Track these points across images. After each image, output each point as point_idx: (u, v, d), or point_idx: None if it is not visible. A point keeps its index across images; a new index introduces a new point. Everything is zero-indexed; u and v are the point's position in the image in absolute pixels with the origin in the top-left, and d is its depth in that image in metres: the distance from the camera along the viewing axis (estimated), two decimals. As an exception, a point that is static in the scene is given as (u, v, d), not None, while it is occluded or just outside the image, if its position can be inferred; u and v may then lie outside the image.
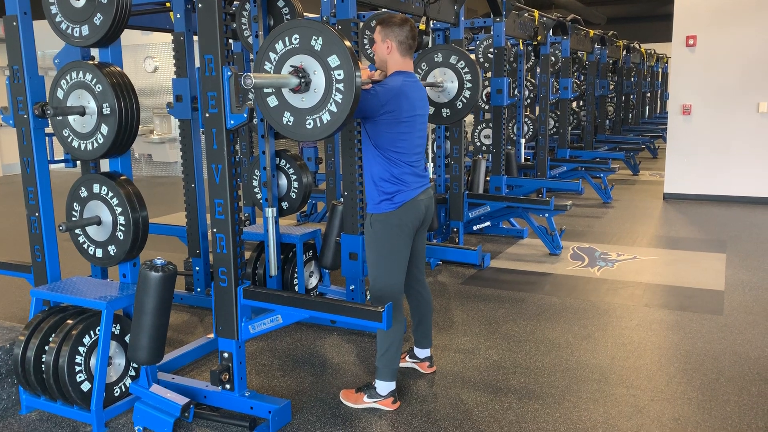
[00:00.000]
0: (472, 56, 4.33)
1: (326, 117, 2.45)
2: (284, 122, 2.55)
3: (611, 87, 12.06)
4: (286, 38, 2.47)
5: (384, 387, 2.96)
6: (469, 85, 4.13)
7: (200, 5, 2.60)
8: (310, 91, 2.45)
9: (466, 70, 4.13)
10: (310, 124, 2.49)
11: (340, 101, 2.41)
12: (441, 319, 4.13)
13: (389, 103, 2.80)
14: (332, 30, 2.40)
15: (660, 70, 17.52)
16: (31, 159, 3.06)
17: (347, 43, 2.39)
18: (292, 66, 2.47)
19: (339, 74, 2.39)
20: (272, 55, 2.51)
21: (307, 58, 2.44)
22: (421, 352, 3.35)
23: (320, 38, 2.40)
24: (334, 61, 2.39)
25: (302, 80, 2.44)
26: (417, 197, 2.97)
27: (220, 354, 2.86)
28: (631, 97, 13.59)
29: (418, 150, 3.00)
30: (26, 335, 2.84)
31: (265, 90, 2.57)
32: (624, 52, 12.26)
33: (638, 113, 14.35)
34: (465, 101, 4.14)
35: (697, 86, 8.02)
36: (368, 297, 3.94)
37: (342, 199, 3.87)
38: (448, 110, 4.22)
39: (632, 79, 13.21)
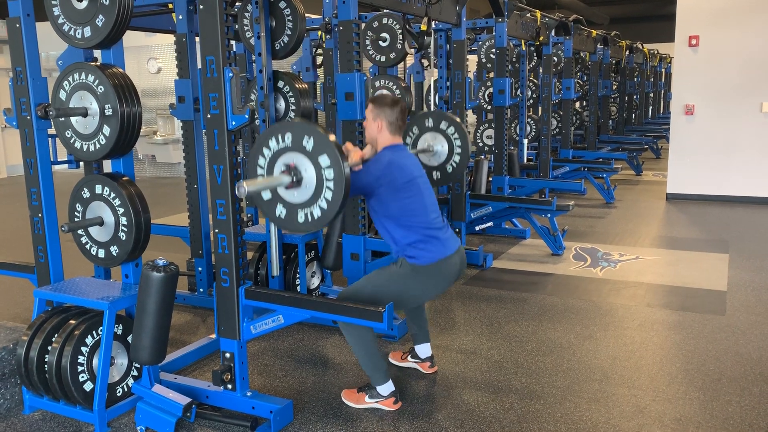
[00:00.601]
0: (473, 57, 4.35)
1: (317, 212, 2.53)
2: (277, 214, 2.64)
3: (614, 87, 12.04)
4: (279, 136, 2.56)
5: (384, 388, 2.96)
6: (458, 150, 4.31)
7: (201, 6, 2.61)
8: (302, 187, 2.54)
9: (456, 135, 4.30)
10: (302, 217, 2.57)
11: (330, 198, 2.49)
12: (443, 319, 4.13)
13: (383, 176, 2.89)
14: (322, 131, 2.48)
15: (663, 70, 17.49)
16: (34, 160, 3.07)
17: (334, 140, 2.47)
18: (284, 164, 2.56)
19: (329, 173, 2.48)
20: (266, 151, 2.60)
21: (299, 156, 2.53)
22: (422, 351, 3.35)
23: (311, 139, 2.49)
24: (324, 160, 2.47)
25: (294, 178, 2.53)
26: (452, 257, 2.98)
27: (222, 354, 2.87)
28: (635, 97, 13.57)
29: (433, 208, 3.04)
30: (29, 335, 2.86)
31: None
32: (627, 53, 12.25)
33: (641, 113, 14.34)
34: (455, 166, 4.33)
35: (699, 86, 8.01)
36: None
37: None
38: (438, 173, 4.43)
39: (635, 79, 13.19)
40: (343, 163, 2.43)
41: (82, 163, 3.41)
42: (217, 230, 2.78)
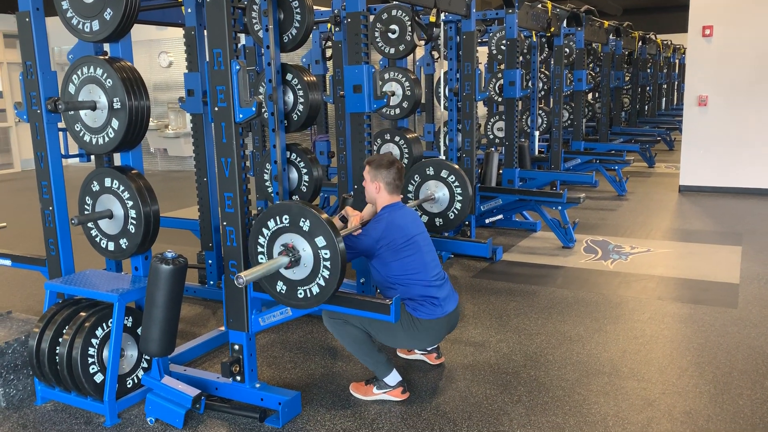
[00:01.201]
0: (484, 48, 4.36)
1: (315, 289, 2.62)
2: (278, 290, 2.72)
3: (627, 78, 11.93)
4: (277, 218, 2.65)
5: (390, 378, 2.97)
6: (459, 198, 4.43)
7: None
8: (301, 266, 2.64)
9: (456, 183, 4.43)
10: (301, 293, 2.67)
11: (327, 276, 2.58)
12: (452, 312, 4.12)
13: (382, 238, 2.98)
14: (317, 214, 2.56)
15: (677, 61, 17.31)
16: (45, 153, 3.10)
17: (328, 220, 2.56)
18: (282, 245, 2.65)
19: (326, 254, 2.56)
20: (265, 231, 2.69)
21: (297, 237, 2.62)
22: (430, 344, 3.36)
23: (307, 221, 2.58)
24: (321, 241, 2.57)
25: (292, 259, 2.62)
26: (445, 317, 3.03)
27: (230, 346, 2.89)
28: (648, 88, 13.44)
29: (434, 264, 3.09)
30: (41, 327, 2.88)
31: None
32: (640, 43, 12.13)
33: (654, 105, 14.21)
34: (456, 212, 4.46)
35: (713, 77, 7.93)
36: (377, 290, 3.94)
37: (352, 192, 3.88)
38: (441, 220, 4.54)
39: (648, 70, 13.06)
40: (338, 246, 2.53)
41: (93, 157, 3.43)
42: (225, 223, 2.79)
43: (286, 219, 2.63)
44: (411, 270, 3.00)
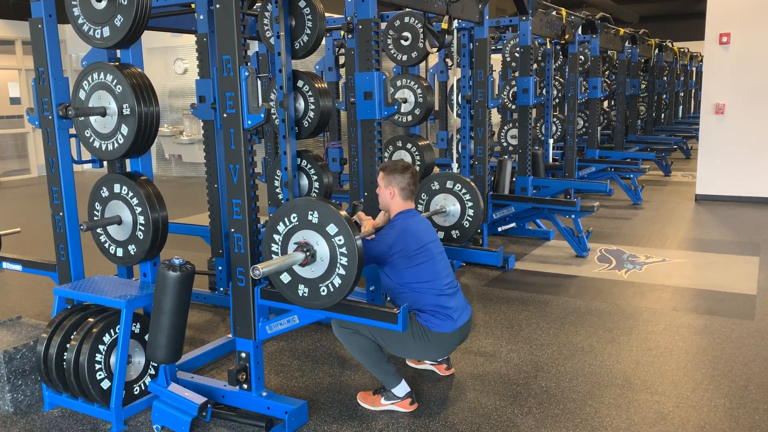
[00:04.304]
0: (498, 56, 4.29)
1: (337, 281, 2.56)
2: (300, 294, 2.66)
3: (643, 86, 11.83)
4: (286, 219, 2.62)
5: (399, 389, 2.93)
6: (470, 204, 4.43)
7: (218, 6, 2.61)
8: (317, 261, 2.59)
9: (464, 191, 4.43)
10: (324, 291, 2.60)
11: (346, 264, 2.53)
12: (463, 321, 4.08)
13: (396, 243, 2.94)
14: (325, 203, 2.55)
15: (694, 69, 17.16)
16: (56, 159, 3.11)
17: (339, 210, 2.53)
18: (295, 243, 2.61)
19: (340, 240, 2.52)
20: (276, 237, 2.66)
21: (308, 232, 2.59)
22: (440, 355, 3.32)
23: (315, 212, 2.56)
24: (332, 229, 2.53)
25: (307, 254, 2.57)
26: (457, 331, 2.98)
27: (237, 354, 2.87)
28: (664, 96, 13.33)
29: (446, 273, 3.04)
30: (49, 333, 2.89)
31: None
32: (656, 51, 12.03)
33: (671, 113, 14.08)
34: (471, 219, 4.45)
35: (730, 85, 7.83)
36: (388, 298, 3.91)
37: (362, 200, 3.85)
38: (457, 231, 4.52)
39: (665, 78, 12.95)
40: (349, 227, 2.49)
41: (106, 163, 3.44)
42: (233, 229, 2.78)
43: (294, 218, 2.60)
44: (423, 278, 2.96)
